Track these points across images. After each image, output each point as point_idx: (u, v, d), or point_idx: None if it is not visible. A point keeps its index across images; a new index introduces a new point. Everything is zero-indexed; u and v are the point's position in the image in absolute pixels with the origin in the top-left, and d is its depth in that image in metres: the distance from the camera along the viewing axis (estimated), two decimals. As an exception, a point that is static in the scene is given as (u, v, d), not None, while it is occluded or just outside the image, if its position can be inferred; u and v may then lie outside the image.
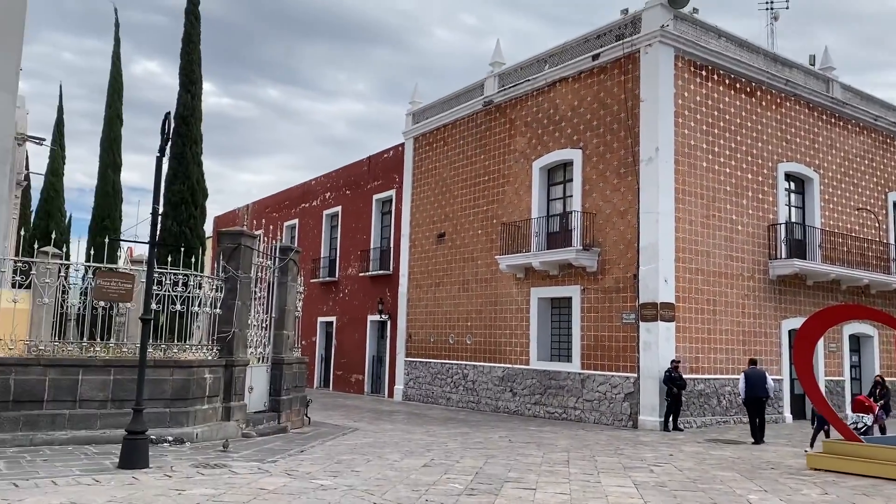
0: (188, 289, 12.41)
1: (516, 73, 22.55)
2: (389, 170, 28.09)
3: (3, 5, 15.51)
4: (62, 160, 26.48)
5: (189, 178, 17.57)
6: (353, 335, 28.86)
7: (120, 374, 10.89)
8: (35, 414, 10.16)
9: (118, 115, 22.21)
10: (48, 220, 24.53)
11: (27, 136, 22.76)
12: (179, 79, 18.23)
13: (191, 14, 18.27)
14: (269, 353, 14.59)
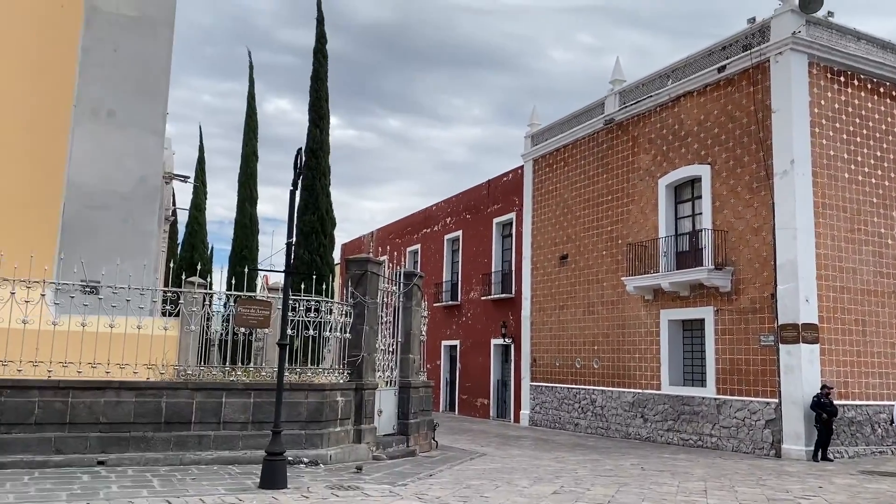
0: (320, 314, 12.89)
1: (638, 89, 22.07)
2: (509, 193, 28.15)
3: (151, 57, 16.93)
4: (204, 196, 28.40)
5: (319, 209, 18.36)
6: (477, 359, 28.93)
7: (259, 398, 11.43)
8: (184, 435, 10.83)
9: (254, 151, 23.59)
10: (192, 252, 26.33)
11: (174, 174, 24.69)
12: (309, 115, 19.14)
13: (318, 53, 19.20)
14: (396, 376, 14.87)
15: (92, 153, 16.42)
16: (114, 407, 10.40)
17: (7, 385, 9.78)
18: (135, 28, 17.01)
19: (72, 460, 9.93)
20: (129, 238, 16.61)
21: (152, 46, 17.25)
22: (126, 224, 17.04)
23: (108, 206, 16.73)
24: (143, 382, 10.80)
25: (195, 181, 27.77)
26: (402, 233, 36.47)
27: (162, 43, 17.53)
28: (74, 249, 13.77)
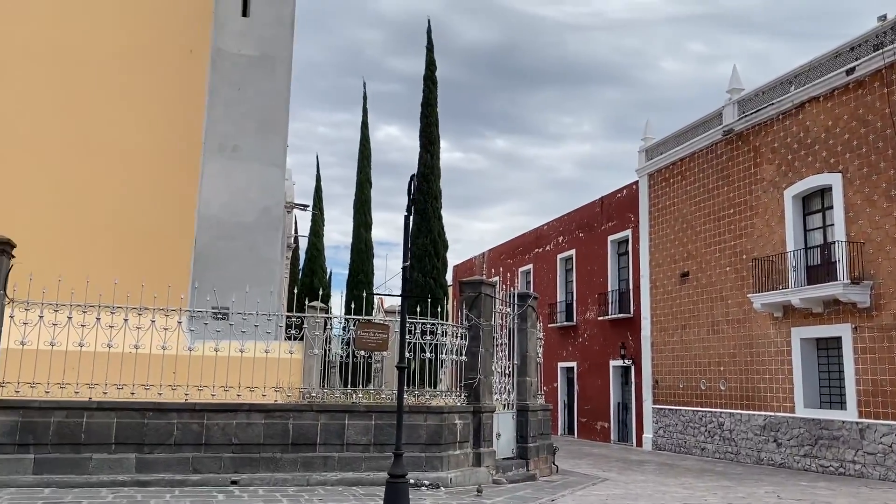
0: (435, 337, 12.98)
1: (758, 97, 21.08)
2: (624, 209, 27.50)
3: (271, 94, 17.80)
4: (322, 223, 29.48)
5: (431, 232, 18.62)
6: (596, 381, 28.26)
7: (380, 420, 11.60)
8: (310, 456, 11.14)
9: (367, 178, 24.31)
10: (312, 277, 27.33)
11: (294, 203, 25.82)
12: (420, 140, 19.52)
13: (428, 80, 19.59)
14: (513, 399, 14.72)
15: (219, 187, 17.39)
16: (245, 428, 10.85)
17: (149, 408, 10.42)
18: (256, 67, 17.94)
19: (207, 479, 10.42)
20: (254, 266, 17.41)
21: (272, 84, 18.14)
22: (252, 252, 17.88)
23: (234, 237, 17.63)
24: (271, 405, 11.22)
25: (313, 209, 28.90)
26: (514, 253, 36.36)
27: (281, 80, 18.40)
28: (205, 278, 14.55)
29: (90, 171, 14.43)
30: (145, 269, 13.06)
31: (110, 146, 14.68)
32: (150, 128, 15.05)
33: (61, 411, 10.02)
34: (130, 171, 14.75)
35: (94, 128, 14.63)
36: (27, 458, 9.78)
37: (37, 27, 14.65)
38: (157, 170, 14.99)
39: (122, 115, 14.87)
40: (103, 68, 14.92)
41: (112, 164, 14.64)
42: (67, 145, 14.39)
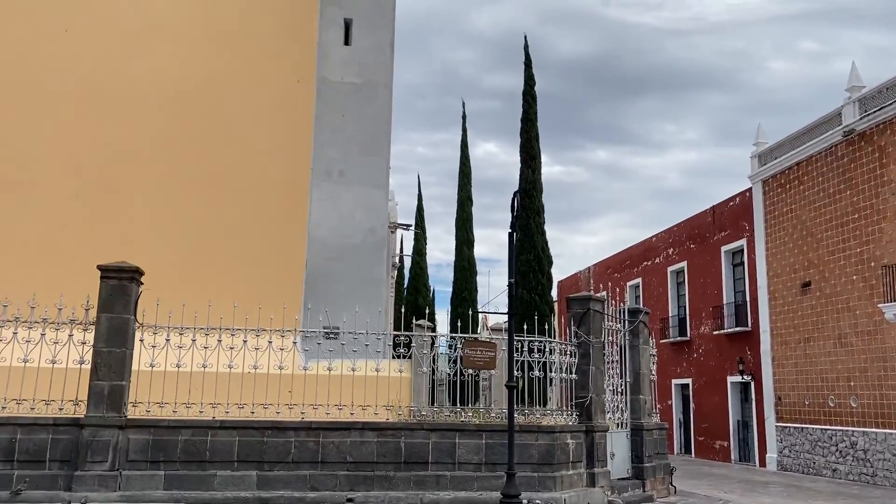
0: (543, 355, 12.79)
1: (881, 94, 19.75)
2: (737, 218, 26.32)
3: (374, 118, 18.23)
4: (424, 241, 29.85)
5: (535, 248, 18.45)
6: (713, 398, 27.04)
7: (490, 439, 11.50)
8: (422, 474, 11.17)
9: (468, 196, 24.44)
10: (416, 295, 27.67)
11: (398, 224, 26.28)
12: (520, 156, 19.45)
13: (527, 95, 19.54)
14: (626, 418, 14.28)
15: (327, 210, 17.92)
16: (358, 446, 11.01)
17: (268, 426, 10.76)
18: (358, 94, 18.44)
19: (324, 497, 10.63)
20: (362, 286, 17.77)
21: (374, 108, 18.60)
22: (359, 273, 18.28)
23: (342, 258, 18.09)
24: (383, 423, 11.34)
25: (416, 228, 29.32)
26: (621, 267, 35.49)
27: (383, 104, 18.83)
28: (316, 298, 14.98)
29: (209, 200, 15.22)
30: (261, 291, 13.58)
31: (227, 176, 15.44)
32: (262, 157, 15.74)
33: (188, 430, 10.50)
34: (245, 199, 15.45)
35: (212, 159, 15.43)
36: (158, 474, 10.30)
37: (159, 69, 15.63)
38: (269, 196, 15.63)
39: (237, 146, 15.62)
40: (219, 103, 15.75)
41: (229, 192, 15.39)
42: (189, 177, 15.24)
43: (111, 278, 10.83)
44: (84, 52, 15.37)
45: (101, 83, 15.32)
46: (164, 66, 15.68)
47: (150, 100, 15.48)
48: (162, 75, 15.63)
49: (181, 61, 15.78)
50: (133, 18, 15.72)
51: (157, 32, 15.77)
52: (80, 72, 15.27)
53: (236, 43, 16.06)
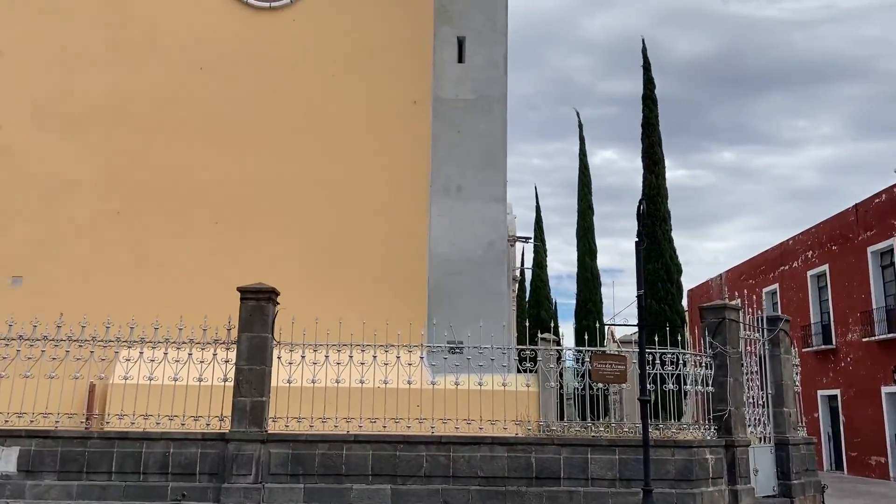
0: (677, 367, 12.30)
1: None
2: (884, 215, 24.38)
3: (489, 133, 18.33)
4: (544, 253, 29.55)
5: (662, 256, 17.87)
6: (865, 410, 25.04)
7: (624, 454, 11.15)
8: (555, 490, 10.97)
9: (589, 206, 24.01)
10: (538, 309, 27.40)
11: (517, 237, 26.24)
12: (642, 161, 18.95)
13: (647, 99, 19.05)
14: (769, 432, 13.46)
15: (446, 226, 18.15)
16: (489, 461, 10.98)
17: (400, 440, 10.94)
18: (473, 110, 18.63)
19: (456, 512, 10.67)
20: (484, 300, 17.84)
21: (490, 123, 18.72)
22: (480, 287, 18.35)
23: (463, 272, 18.23)
24: (513, 438, 11.26)
25: (535, 240, 29.10)
26: (755, 273, 33.68)
27: (497, 119, 18.92)
28: (438, 314, 15.17)
29: (336, 221, 15.81)
30: (386, 307, 13.89)
31: (351, 197, 16.00)
32: (383, 177, 16.19)
33: (324, 444, 10.84)
34: (369, 219, 15.93)
35: (336, 182, 16.05)
36: (298, 487, 10.68)
37: (284, 100, 16.46)
38: (391, 215, 16.04)
39: (359, 168, 16.16)
40: (341, 128, 16.37)
41: (353, 213, 15.93)
42: (316, 201, 15.91)
43: (250, 299, 11.41)
44: (218, 89, 16.41)
45: (235, 117, 16.30)
46: (288, 97, 16.49)
47: (278, 129, 16.31)
48: (287, 106, 16.44)
49: (304, 91, 16.54)
50: (260, 55, 16.63)
51: (282, 67, 16.61)
52: (216, 107, 16.31)
53: (355, 70, 16.66)
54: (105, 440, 10.76)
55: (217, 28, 16.69)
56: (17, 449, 10.62)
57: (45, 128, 16.08)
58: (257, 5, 16.85)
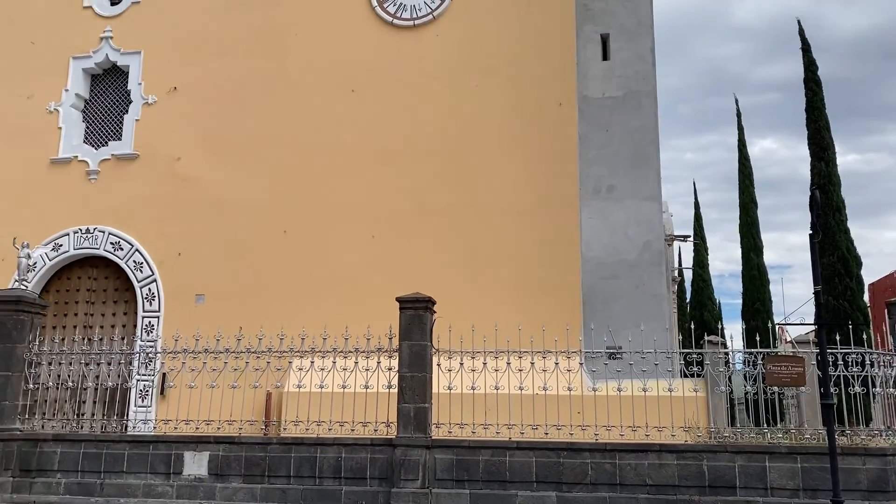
0: (863, 368, 11.28)
1: None
2: None
3: (639, 130, 17.76)
4: (705, 252, 28.19)
5: (838, 249, 16.54)
6: None
7: (806, 462, 10.36)
8: (730, 500, 10.37)
9: (752, 199, 22.66)
10: (701, 310, 26.18)
11: (674, 236, 25.19)
12: (809, 149, 17.68)
13: (810, 82, 17.76)
14: (980, 439, 11.98)
15: (598, 228, 17.78)
16: (657, 469, 10.58)
17: (563, 447, 10.80)
18: (621, 107, 18.15)
19: (624, 521, 10.35)
20: (641, 303, 17.29)
21: (639, 120, 18.14)
22: (637, 290, 17.79)
23: (618, 275, 17.75)
24: (681, 445, 10.79)
25: (695, 239, 27.84)
26: (946, 262, 30.28)
27: (648, 114, 18.29)
28: (593, 319, 14.86)
29: (486, 229, 15.93)
30: (540, 313, 13.81)
31: (501, 204, 16.06)
32: (531, 182, 16.12)
33: (487, 450, 10.91)
34: (519, 224, 15.92)
35: (485, 190, 16.18)
36: (464, 492, 10.82)
37: (431, 113, 16.83)
38: (541, 219, 15.93)
39: (507, 174, 16.20)
40: (487, 136, 16.50)
41: (504, 220, 15.98)
42: (467, 210, 16.12)
43: (408, 308, 11.75)
44: (369, 109, 17.08)
45: (385, 134, 16.88)
46: (434, 111, 16.84)
47: (426, 143, 16.71)
48: (434, 119, 16.80)
49: (450, 103, 16.82)
50: (406, 72, 17.12)
51: (427, 81, 17.00)
52: (367, 126, 16.99)
53: (498, 78, 16.75)
54: (283, 445, 11.46)
55: (365, 50, 17.40)
56: (207, 454, 11.54)
57: (216, 157, 17.46)
58: (402, 25, 17.39)
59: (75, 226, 17.56)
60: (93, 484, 11.71)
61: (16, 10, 19.18)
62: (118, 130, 18.27)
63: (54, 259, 17.45)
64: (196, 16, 18.22)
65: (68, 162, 18.05)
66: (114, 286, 17.56)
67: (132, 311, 17.18)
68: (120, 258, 17.27)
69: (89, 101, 18.85)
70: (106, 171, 17.86)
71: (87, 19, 18.75)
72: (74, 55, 18.63)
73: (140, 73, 18.21)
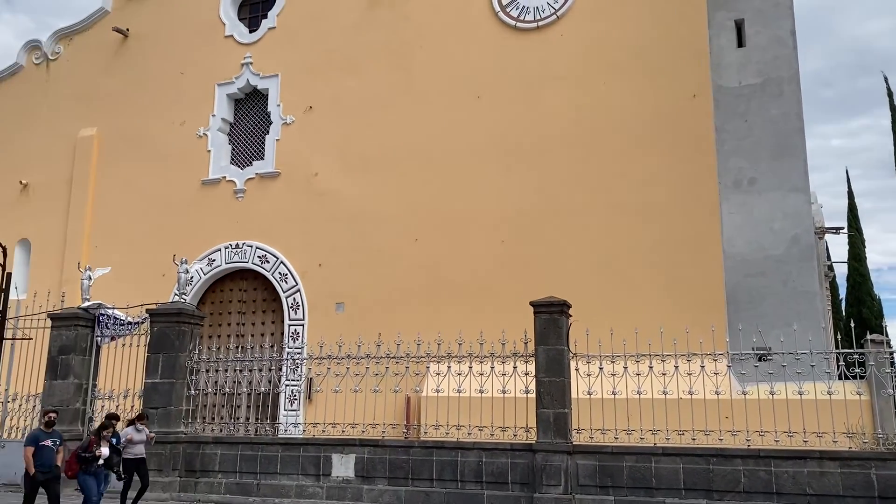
0: None
1: None
2: None
3: (781, 117, 16.78)
4: (862, 244, 26.03)
5: None
6: None
7: None
8: (905, 513, 9.53)
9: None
10: (859, 307, 24.21)
11: (825, 228, 23.46)
12: None
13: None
14: None
15: (740, 223, 16.94)
16: (818, 478, 9.88)
17: (713, 454, 10.31)
18: (760, 94, 17.28)
19: (784, 533, 9.74)
20: (791, 301, 16.33)
21: (781, 107, 17.21)
22: (786, 287, 16.81)
23: (764, 272, 16.85)
24: (846, 452, 10.03)
25: (849, 230, 25.77)
26: None
27: (790, 101, 17.33)
28: (738, 318, 14.17)
29: (622, 229, 15.51)
30: (681, 314, 13.29)
31: (635, 203, 15.59)
32: (666, 179, 15.54)
33: (631, 456, 10.61)
34: (655, 223, 15.38)
35: (619, 189, 15.76)
36: (608, 499, 10.57)
37: (561, 114, 16.60)
38: (678, 217, 15.32)
39: (640, 172, 15.71)
40: (619, 133, 16.08)
41: (639, 219, 15.49)
42: (601, 210, 15.76)
43: (543, 313, 11.64)
44: (495, 114, 17.11)
45: (511, 138, 16.83)
46: (561, 111, 16.61)
47: (553, 144, 16.50)
48: (561, 120, 16.56)
49: (577, 103, 16.53)
50: (531, 75, 17.00)
51: (553, 83, 16.79)
52: (493, 131, 17.02)
53: (627, 74, 16.29)
54: (424, 449, 11.67)
55: (489, 56, 17.46)
56: (353, 456, 11.96)
57: (350, 170, 18.11)
58: (525, 27, 17.32)
59: (226, 241, 18.77)
60: (250, 484, 12.42)
61: (167, 45, 20.80)
62: (260, 150, 19.38)
63: (209, 273, 18.72)
64: (328, 37, 19.01)
65: (218, 182, 19.33)
66: (262, 297, 18.60)
67: (279, 319, 18.11)
68: (266, 270, 18.27)
69: (233, 124, 20.11)
70: (251, 189, 18.98)
71: (229, 47, 20.04)
72: (219, 82, 19.95)
73: (278, 95, 19.22)
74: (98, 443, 10.08)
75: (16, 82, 22.54)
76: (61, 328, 14.02)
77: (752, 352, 11.43)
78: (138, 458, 11.35)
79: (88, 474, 9.99)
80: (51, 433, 10.04)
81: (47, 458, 9.83)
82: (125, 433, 11.22)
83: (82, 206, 20.45)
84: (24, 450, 9.83)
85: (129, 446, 11.15)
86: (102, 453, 10.01)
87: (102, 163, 20.71)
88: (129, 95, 20.84)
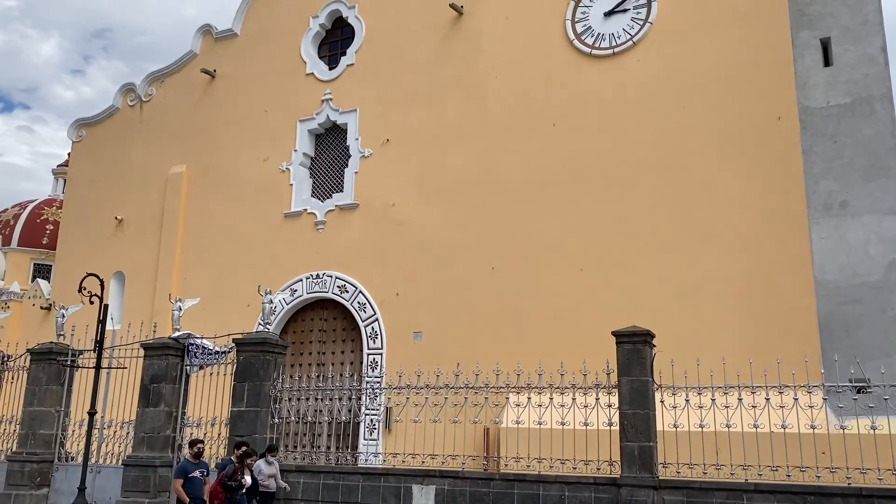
0: None
1: None
2: None
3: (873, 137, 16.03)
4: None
5: None
6: None
7: None
8: None
9: None
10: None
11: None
12: None
13: None
14: None
15: (832, 248, 16.21)
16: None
17: (811, 492, 9.78)
18: (849, 114, 16.62)
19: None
20: (890, 330, 15.48)
21: (872, 126, 16.48)
22: (884, 315, 15.93)
23: (859, 300, 16.02)
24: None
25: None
26: None
27: (883, 120, 16.57)
28: (831, 348, 13.51)
29: (706, 256, 15.09)
30: (771, 345, 12.80)
31: (720, 230, 15.18)
32: (752, 203, 15.10)
33: (721, 492, 10.16)
34: (741, 249, 14.92)
35: (703, 216, 15.39)
36: (704, 537, 10.15)
37: (639, 140, 16.40)
38: (766, 243, 14.82)
39: (725, 198, 15.32)
40: (701, 159, 15.75)
41: (724, 246, 15.06)
42: (684, 237, 15.41)
43: (625, 343, 11.37)
44: (571, 141, 17.03)
45: (588, 165, 16.71)
46: (640, 138, 16.39)
47: (632, 171, 16.28)
48: (639, 146, 16.35)
49: (656, 129, 16.29)
50: (607, 101, 16.88)
51: (630, 108, 16.61)
52: (570, 159, 16.94)
53: (708, 97, 15.98)
54: (505, 481, 11.50)
55: (564, 84, 17.44)
56: (434, 487, 11.89)
57: (427, 200, 18.32)
58: (601, 55, 17.24)
59: (307, 272, 19.22)
60: (332, 513, 12.51)
61: (251, 84, 21.68)
62: (340, 183, 19.85)
63: (291, 303, 19.19)
64: (404, 72, 19.43)
65: (299, 215, 19.88)
66: (341, 326, 18.91)
67: (358, 348, 18.35)
68: (346, 300, 18.59)
69: (314, 158, 20.70)
70: (331, 221, 19.43)
71: (310, 84, 20.72)
72: (300, 118, 20.63)
73: (357, 129, 19.71)
74: (242, 471, 10.25)
75: (112, 123, 23.93)
76: (153, 357, 14.57)
77: (849, 384, 10.83)
78: (269, 491, 11.63)
79: (233, 503, 10.15)
80: (198, 464, 10.25)
81: (197, 489, 10.02)
82: (257, 466, 11.49)
83: (172, 240, 21.38)
84: (174, 482, 10.04)
85: (262, 479, 11.42)
86: (247, 482, 10.20)
87: (191, 198, 21.65)
88: (216, 133, 21.79)
